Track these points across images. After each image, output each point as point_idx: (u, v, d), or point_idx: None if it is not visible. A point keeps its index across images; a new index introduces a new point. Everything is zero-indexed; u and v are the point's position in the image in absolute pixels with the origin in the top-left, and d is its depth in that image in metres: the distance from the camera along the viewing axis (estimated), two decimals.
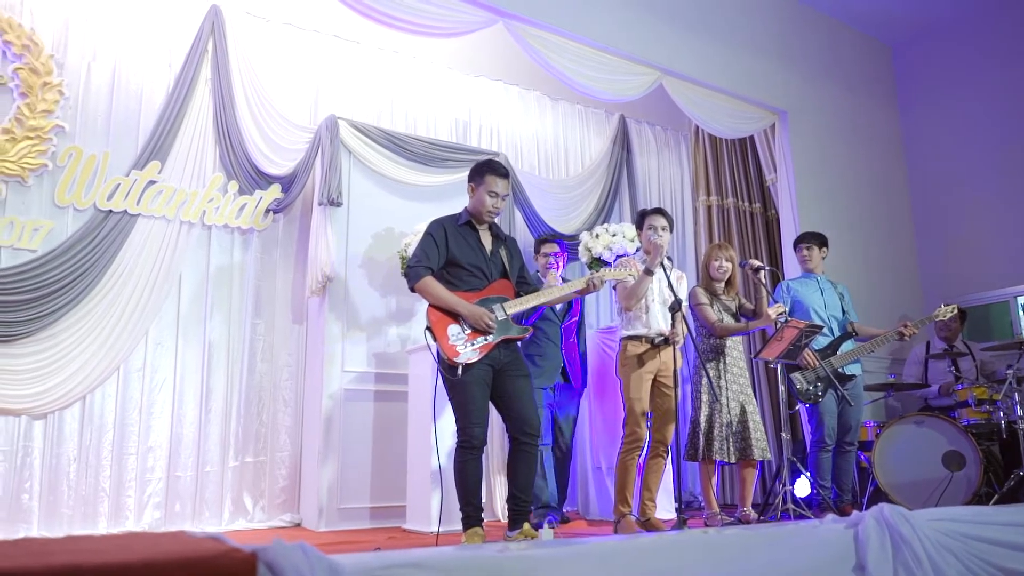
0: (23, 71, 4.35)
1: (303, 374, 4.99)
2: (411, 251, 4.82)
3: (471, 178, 3.56)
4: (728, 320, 4.53)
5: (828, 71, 7.03)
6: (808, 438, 5.15)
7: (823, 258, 5.25)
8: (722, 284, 4.65)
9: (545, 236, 4.97)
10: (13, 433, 4.10)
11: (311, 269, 4.87)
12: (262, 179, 4.93)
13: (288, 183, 4.98)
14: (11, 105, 4.32)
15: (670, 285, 4.07)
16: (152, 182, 4.60)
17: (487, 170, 3.52)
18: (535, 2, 5.03)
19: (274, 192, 4.95)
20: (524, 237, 5.88)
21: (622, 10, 5.50)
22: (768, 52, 6.47)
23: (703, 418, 4.44)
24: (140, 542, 1.32)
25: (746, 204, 7.03)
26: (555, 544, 1.81)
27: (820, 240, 5.25)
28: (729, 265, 4.62)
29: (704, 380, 4.44)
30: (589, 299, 5.86)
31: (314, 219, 4.96)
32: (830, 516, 2.37)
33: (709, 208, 6.86)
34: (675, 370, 3.89)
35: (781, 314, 4.39)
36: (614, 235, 5.33)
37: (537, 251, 4.90)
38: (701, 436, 4.42)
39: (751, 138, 6.83)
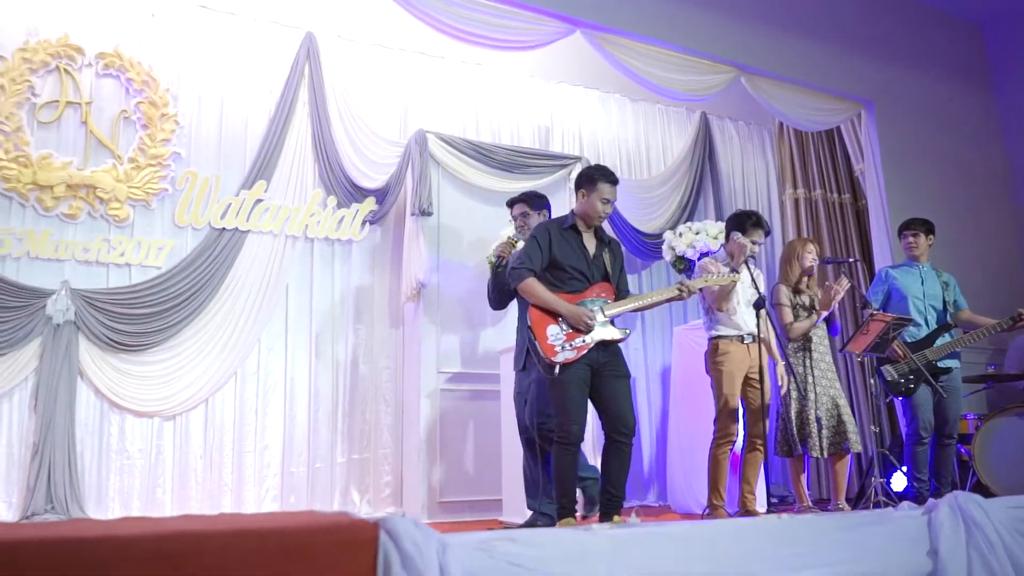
0: (144, 104, 4.84)
1: (402, 375, 5.32)
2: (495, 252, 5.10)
3: (582, 183, 3.70)
4: (805, 316, 4.56)
5: (915, 56, 6.91)
6: (904, 431, 5.14)
7: (930, 245, 5.18)
8: (806, 280, 4.69)
9: (513, 199, 4.52)
10: (148, 434, 4.59)
11: (405, 276, 5.20)
12: (358, 193, 5.28)
13: (382, 195, 5.32)
14: (134, 136, 4.81)
15: (754, 283, 4.19)
16: (259, 200, 5.02)
17: (599, 177, 3.66)
18: (610, 9, 5.22)
19: (369, 204, 5.30)
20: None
21: (698, 10, 5.62)
22: (850, 42, 6.43)
23: (793, 414, 4.52)
24: (281, 516, 1.61)
25: (835, 195, 6.99)
26: (635, 525, 2.02)
27: (927, 227, 5.16)
28: (817, 259, 4.67)
29: (791, 375, 4.51)
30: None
31: (407, 228, 5.29)
32: (905, 503, 2.48)
33: (796, 201, 6.86)
34: (762, 366, 4.00)
35: (839, 290, 4.36)
36: (697, 233, 5.45)
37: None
38: (792, 431, 4.50)
39: (837, 127, 6.79)
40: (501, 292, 4.39)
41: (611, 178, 3.68)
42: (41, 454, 4.23)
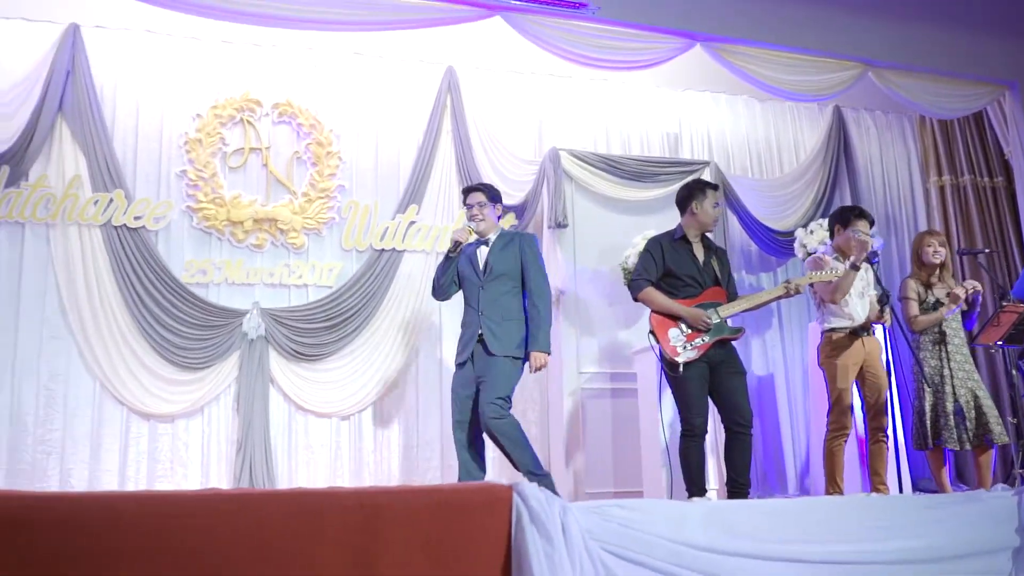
0: (312, 145, 5.66)
1: (546, 376, 5.85)
2: (631, 262, 5.55)
3: (691, 198, 4.17)
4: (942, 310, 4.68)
5: None
6: None
7: None
8: (938, 272, 4.79)
9: (470, 187, 4.59)
10: (328, 431, 5.40)
11: None
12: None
13: (521, 211, 5.90)
14: (306, 173, 5.64)
15: (877, 278, 4.41)
16: (412, 222, 5.73)
17: (705, 186, 4.23)
18: (728, 20, 5.52)
19: (510, 220, 5.89)
20: (741, 238, 6.36)
21: (818, 9, 5.79)
22: (984, 22, 6.32)
23: (927, 407, 4.66)
24: (442, 485, 2.17)
25: (986, 179, 6.88)
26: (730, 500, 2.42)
27: None
28: (944, 250, 4.77)
29: (919, 369, 4.64)
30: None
31: (544, 240, 5.83)
32: (999, 485, 2.72)
33: (942, 188, 6.83)
34: (878, 358, 4.21)
35: (974, 291, 4.46)
36: (828, 230, 5.63)
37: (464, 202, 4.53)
38: (927, 424, 4.64)
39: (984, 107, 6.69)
40: (449, 281, 4.36)
41: (712, 185, 4.27)
42: (244, 450, 5.11)
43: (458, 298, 5.06)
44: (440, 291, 4.44)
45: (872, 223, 4.48)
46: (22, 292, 5.00)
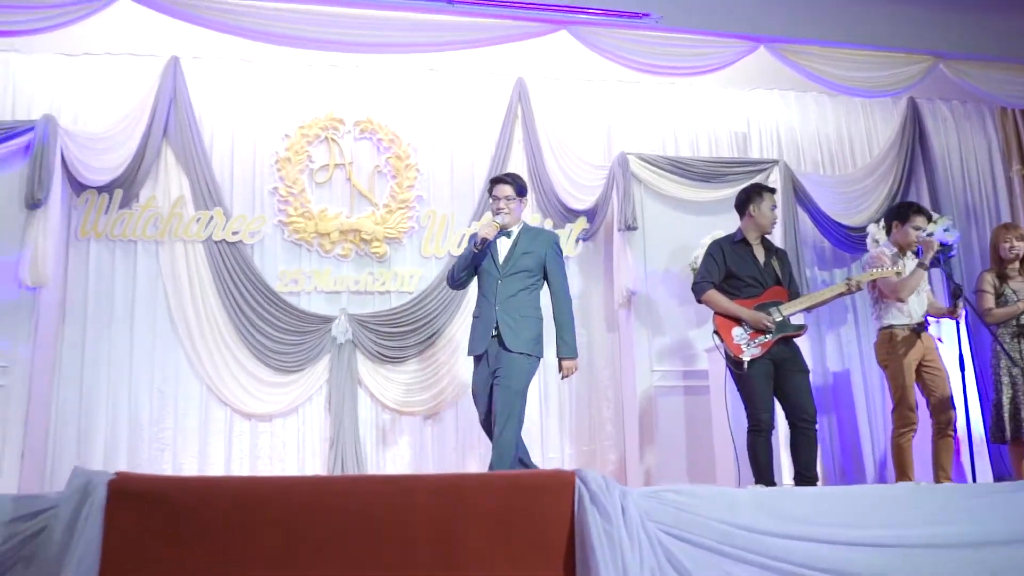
0: (392, 159, 6.09)
1: (619, 374, 6.14)
2: (700, 263, 5.77)
3: (748, 202, 4.45)
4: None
5: None
6: None
7: None
8: (1016, 265, 4.86)
9: (498, 177, 4.64)
10: (413, 429, 5.82)
11: (616, 286, 6.03)
12: (570, 214, 6.20)
13: (592, 215, 6.20)
14: (386, 186, 6.07)
15: (949, 273, 4.54)
16: None
17: (763, 190, 4.48)
18: (791, 19, 5.69)
19: (581, 224, 6.19)
20: (814, 235, 6.48)
21: (883, 3, 5.84)
22: None
23: (1006, 400, 4.75)
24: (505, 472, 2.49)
25: None
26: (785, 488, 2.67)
27: None
28: (1021, 244, 4.83)
29: (1003, 362, 4.73)
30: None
31: (615, 243, 6.12)
32: None
33: None
34: (935, 352, 4.35)
35: None
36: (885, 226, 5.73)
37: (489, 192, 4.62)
38: (1005, 417, 4.73)
39: None
40: (469, 275, 4.44)
41: (769, 188, 4.50)
42: (335, 446, 5.57)
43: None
44: (458, 283, 4.55)
45: (930, 219, 4.60)
46: (136, 304, 5.59)
